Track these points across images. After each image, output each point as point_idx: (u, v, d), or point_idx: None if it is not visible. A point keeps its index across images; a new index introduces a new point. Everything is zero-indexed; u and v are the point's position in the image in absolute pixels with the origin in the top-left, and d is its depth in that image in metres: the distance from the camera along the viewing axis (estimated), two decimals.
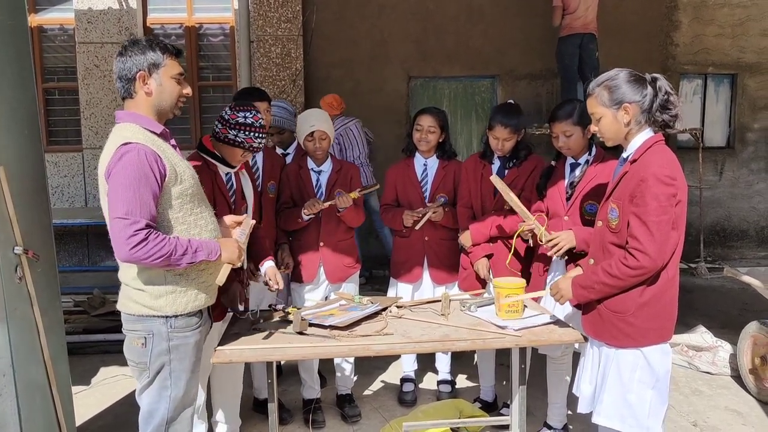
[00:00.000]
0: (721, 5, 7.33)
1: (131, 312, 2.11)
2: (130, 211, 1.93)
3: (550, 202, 2.95)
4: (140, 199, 1.95)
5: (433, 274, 3.46)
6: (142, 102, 2.10)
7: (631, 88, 2.15)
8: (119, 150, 1.98)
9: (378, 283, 6.40)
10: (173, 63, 2.12)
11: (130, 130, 2.04)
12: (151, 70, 2.07)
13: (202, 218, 2.18)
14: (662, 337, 2.18)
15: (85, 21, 6.66)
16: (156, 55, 2.08)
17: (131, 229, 1.92)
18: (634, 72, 2.19)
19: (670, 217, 2.06)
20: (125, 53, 2.08)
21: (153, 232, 1.97)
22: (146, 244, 1.93)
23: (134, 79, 2.07)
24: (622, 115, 2.16)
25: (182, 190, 2.09)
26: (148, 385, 2.14)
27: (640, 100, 2.15)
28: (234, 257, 2.22)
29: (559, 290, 2.35)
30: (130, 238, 1.92)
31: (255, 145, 2.67)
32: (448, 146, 3.48)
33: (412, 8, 6.92)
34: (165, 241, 1.98)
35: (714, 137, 7.68)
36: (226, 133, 2.64)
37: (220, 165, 2.71)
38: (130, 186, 1.94)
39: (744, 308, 5.41)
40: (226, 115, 2.66)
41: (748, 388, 3.75)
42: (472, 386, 3.84)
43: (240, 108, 2.67)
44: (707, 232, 7.29)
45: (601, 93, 2.19)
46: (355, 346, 2.35)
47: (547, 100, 7.11)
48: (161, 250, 1.96)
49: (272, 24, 6.58)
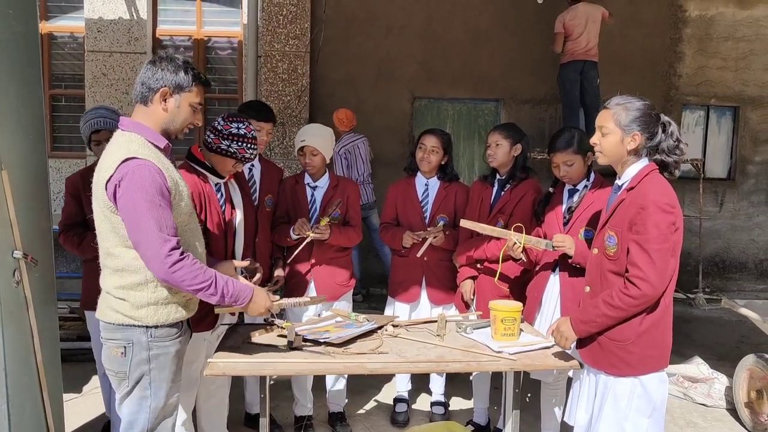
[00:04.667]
0: (725, 38, 7.41)
1: (110, 321, 2.09)
2: (159, 229, 1.94)
3: (548, 228, 2.96)
4: (165, 217, 1.97)
5: (431, 294, 3.45)
6: (154, 115, 2.10)
7: (645, 120, 2.17)
8: (126, 164, 1.96)
9: (375, 301, 6.38)
10: (198, 92, 2.14)
11: (136, 143, 2.03)
12: (174, 91, 2.08)
13: (194, 236, 2.22)
14: (660, 364, 2.18)
15: (95, 30, 6.74)
16: (187, 79, 2.09)
17: (167, 247, 1.94)
18: (654, 107, 2.22)
19: (670, 245, 2.07)
20: (158, 64, 2.09)
21: (188, 254, 2.00)
22: (182, 266, 1.96)
23: (156, 91, 2.07)
24: (629, 141, 2.17)
25: (182, 207, 2.11)
26: (128, 395, 2.12)
27: (648, 136, 2.17)
28: (255, 312, 2.25)
29: (561, 334, 2.30)
30: (167, 257, 1.94)
31: (247, 155, 2.69)
32: (449, 168, 3.50)
33: (418, 29, 7.00)
34: (200, 271, 2.01)
35: (715, 168, 7.71)
36: (219, 143, 2.65)
37: (210, 175, 2.72)
38: (152, 204, 1.94)
39: (741, 341, 5.39)
40: (219, 126, 2.68)
41: (743, 422, 3.72)
42: (465, 409, 3.81)
43: (233, 119, 2.70)
44: (706, 263, 7.29)
45: (618, 111, 2.19)
46: (350, 363, 2.35)
47: (549, 125, 7.16)
48: (196, 278, 1.99)
49: (280, 40, 6.64)
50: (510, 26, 7.05)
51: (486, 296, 3.14)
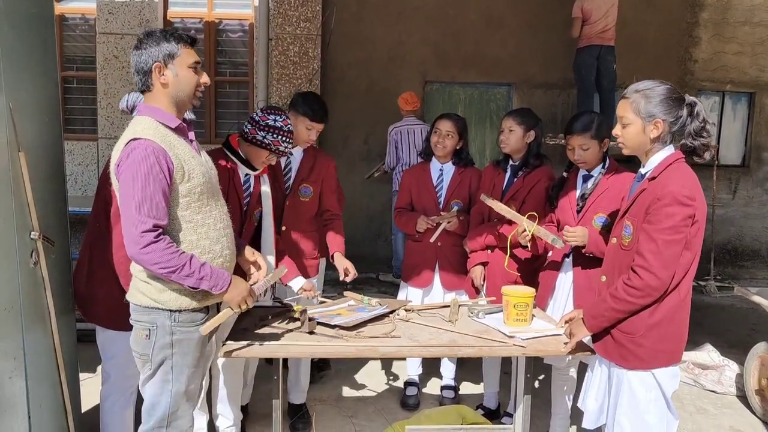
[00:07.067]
0: (742, 23, 7.29)
1: (137, 303, 2.11)
2: (138, 210, 1.92)
3: (561, 214, 2.94)
4: (149, 198, 1.93)
5: (444, 279, 3.46)
6: (160, 94, 2.08)
7: (667, 105, 2.08)
8: (128, 146, 1.98)
9: (383, 285, 6.41)
10: (189, 52, 2.09)
11: (143, 124, 2.03)
12: (166, 61, 2.05)
13: (210, 216, 2.13)
14: (672, 359, 2.14)
15: (106, 11, 6.72)
16: (171, 45, 2.05)
17: (139, 228, 1.92)
18: (676, 90, 2.12)
19: (683, 237, 2.01)
20: (141, 46, 2.06)
21: (164, 237, 1.96)
22: (154, 249, 1.92)
23: (150, 72, 2.05)
24: (651, 129, 2.09)
25: (190, 188, 2.05)
26: (150, 377, 2.14)
27: (672, 121, 2.08)
28: (236, 302, 2.13)
29: (574, 337, 2.27)
30: (140, 238, 1.92)
31: (281, 148, 2.71)
32: (465, 153, 3.49)
33: (431, 13, 6.93)
34: (174, 254, 1.96)
35: (729, 155, 7.63)
36: (255, 134, 2.69)
37: (240, 165, 2.74)
38: (138, 183, 1.93)
39: (753, 328, 5.37)
40: (256, 117, 2.72)
41: (754, 409, 3.72)
42: (476, 393, 3.84)
43: (271, 111, 2.74)
44: (718, 250, 7.25)
45: (637, 100, 2.11)
46: (363, 346, 2.36)
47: (562, 110, 7.10)
48: (169, 262, 1.94)
49: (291, 23, 6.61)
50: (523, 10, 6.97)
51: (496, 282, 3.14)
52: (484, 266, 3.28)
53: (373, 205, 6.96)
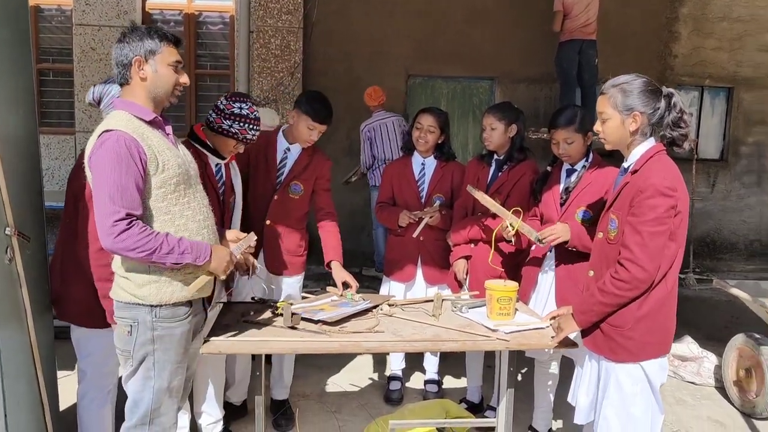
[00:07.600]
0: (721, 19, 7.38)
1: (119, 299, 2.09)
2: (110, 200, 1.91)
3: (545, 208, 2.95)
4: (121, 188, 1.92)
5: (426, 274, 3.45)
6: (138, 88, 2.08)
7: (644, 98, 2.11)
8: (100, 138, 1.97)
9: (366, 280, 6.39)
10: (171, 51, 2.10)
11: (116, 118, 2.02)
12: (147, 57, 2.06)
13: (189, 208, 2.12)
14: (660, 351, 2.15)
15: (83, 2, 6.59)
16: (154, 42, 2.06)
17: (111, 218, 1.91)
18: (652, 82, 2.15)
19: (667, 228, 2.03)
20: (124, 39, 2.07)
21: (137, 223, 1.94)
22: (128, 236, 1.91)
23: (130, 65, 2.05)
24: (630, 123, 2.12)
25: (164, 179, 2.04)
26: (133, 374, 2.12)
27: (651, 113, 2.11)
28: (221, 269, 2.15)
29: (562, 331, 2.29)
30: (112, 227, 1.90)
31: (248, 136, 2.64)
32: (446, 148, 3.48)
33: (413, 6, 6.91)
34: (150, 236, 1.95)
35: (708, 149, 7.73)
36: (221, 123, 2.61)
37: (210, 155, 2.68)
38: (110, 174, 1.92)
39: (731, 320, 5.45)
40: (221, 105, 2.63)
41: (732, 400, 3.78)
42: (459, 387, 3.84)
43: (236, 98, 2.65)
44: (697, 243, 7.35)
45: (615, 94, 2.14)
46: (346, 342, 2.35)
47: (545, 104, 7.14)
48: (146, 245, 1.93)
49: (273, 15, 6.54)
50: (505, 4, 6.98)
51: (479, 276, 3.14)
52: (467, 260, 3.28)
53: (356, 200, 6.93)
